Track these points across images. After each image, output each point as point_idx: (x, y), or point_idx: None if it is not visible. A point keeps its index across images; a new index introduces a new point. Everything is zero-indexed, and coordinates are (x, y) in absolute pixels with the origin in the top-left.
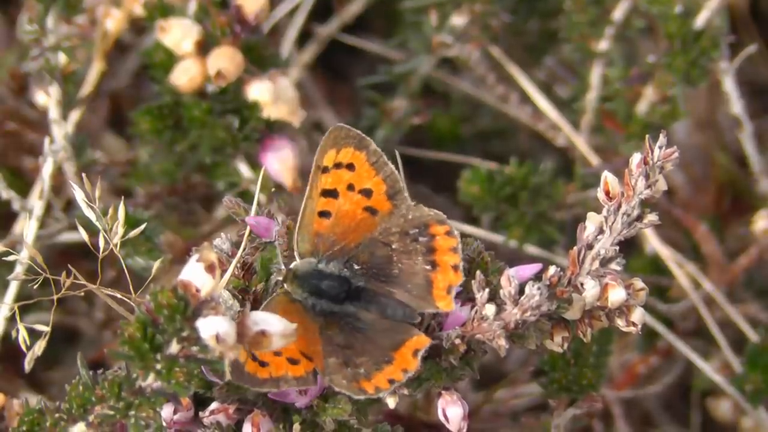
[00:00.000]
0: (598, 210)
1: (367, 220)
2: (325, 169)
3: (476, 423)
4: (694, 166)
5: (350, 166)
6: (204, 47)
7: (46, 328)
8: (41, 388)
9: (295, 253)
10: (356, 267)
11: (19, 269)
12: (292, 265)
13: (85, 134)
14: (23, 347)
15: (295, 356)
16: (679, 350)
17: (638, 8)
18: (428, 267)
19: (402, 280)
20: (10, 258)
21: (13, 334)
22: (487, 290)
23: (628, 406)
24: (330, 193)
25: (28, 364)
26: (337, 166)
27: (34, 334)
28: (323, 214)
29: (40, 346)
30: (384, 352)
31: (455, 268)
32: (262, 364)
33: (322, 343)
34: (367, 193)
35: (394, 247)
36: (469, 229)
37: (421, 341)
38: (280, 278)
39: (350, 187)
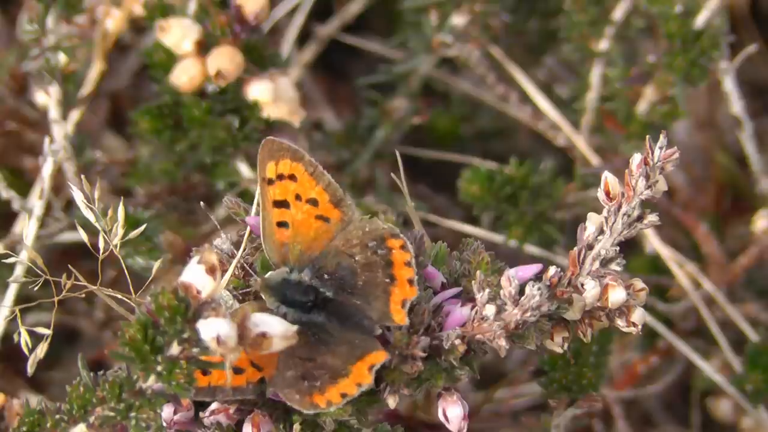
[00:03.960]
0: (598, 210)
1: (323, 228)
2: (270, 181)
3: (476, 423)
4: (694, 166)
5: (292, 177)
6: (204, 47)
7: (48, 331)
8: (41, 388)
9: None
10: (325, 277)
11: (19, 270)
12: (266, 275)
13: (85, 134)
14: (25, 350)
15: (242, 365)
16: (679, 350)
17: (638, 8)
18: (388, 280)
19: (365, 292)
20: (10, 260)
21: (15, 336)
22: (487, 290)
23: (628, 406)
24: (282, 204)
25: (30, 368)
26: (280, 177)
27: (34, 336)
28: (281, 224)
29: (42, 349)
30: (343, 366)
31: (410, 282)
32: (204, 372)
33: (283, 354)
34: (313, 202)
35: (357, 259)
36: (469, 229)
37: (378, 356)
38: (256, 288)
39: (297, 197)
